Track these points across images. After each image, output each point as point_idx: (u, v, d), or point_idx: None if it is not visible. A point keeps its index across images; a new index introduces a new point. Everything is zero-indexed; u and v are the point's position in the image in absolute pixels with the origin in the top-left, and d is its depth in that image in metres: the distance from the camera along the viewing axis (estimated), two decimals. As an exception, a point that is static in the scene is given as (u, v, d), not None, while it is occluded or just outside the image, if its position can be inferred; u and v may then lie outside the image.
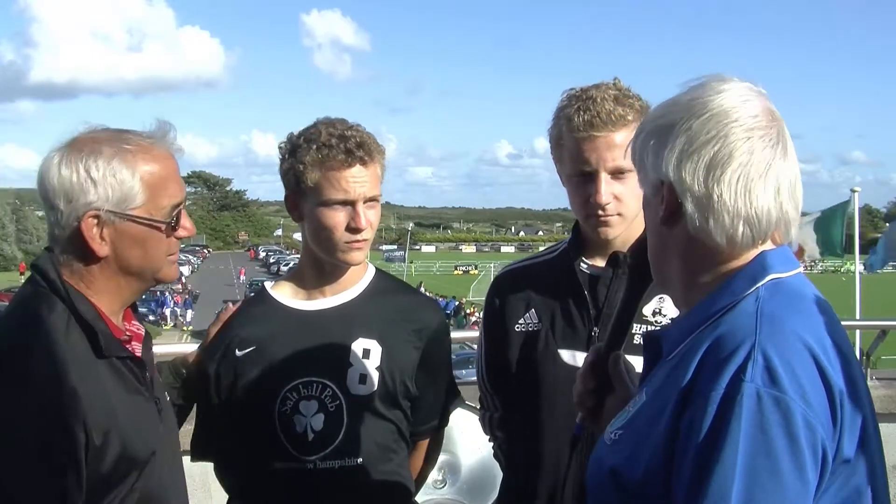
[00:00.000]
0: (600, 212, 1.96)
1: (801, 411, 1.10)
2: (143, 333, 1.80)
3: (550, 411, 2.02)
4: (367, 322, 2.09)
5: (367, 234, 2.04)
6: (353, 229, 2.01)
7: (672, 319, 1.96)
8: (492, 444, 2.27)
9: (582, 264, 2.07)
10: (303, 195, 2.03)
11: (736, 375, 1.11)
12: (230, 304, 2.18)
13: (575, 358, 2.00)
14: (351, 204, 2.00)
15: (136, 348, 1.74)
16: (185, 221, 1.75)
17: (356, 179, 2.00)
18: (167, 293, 42.97)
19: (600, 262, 2.06)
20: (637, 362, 1.92)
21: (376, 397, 2.05)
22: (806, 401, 1.11)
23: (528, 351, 2.08)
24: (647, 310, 2.01)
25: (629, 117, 1.93)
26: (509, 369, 2.12)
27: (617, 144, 1.92)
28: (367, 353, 2.06)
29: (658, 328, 1.95)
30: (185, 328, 40.08)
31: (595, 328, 2.01)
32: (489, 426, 2.25)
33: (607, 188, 1.94)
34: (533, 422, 2.05)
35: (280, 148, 2.08)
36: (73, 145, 1.65)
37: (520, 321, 2.11)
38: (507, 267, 2.32)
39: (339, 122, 2.05)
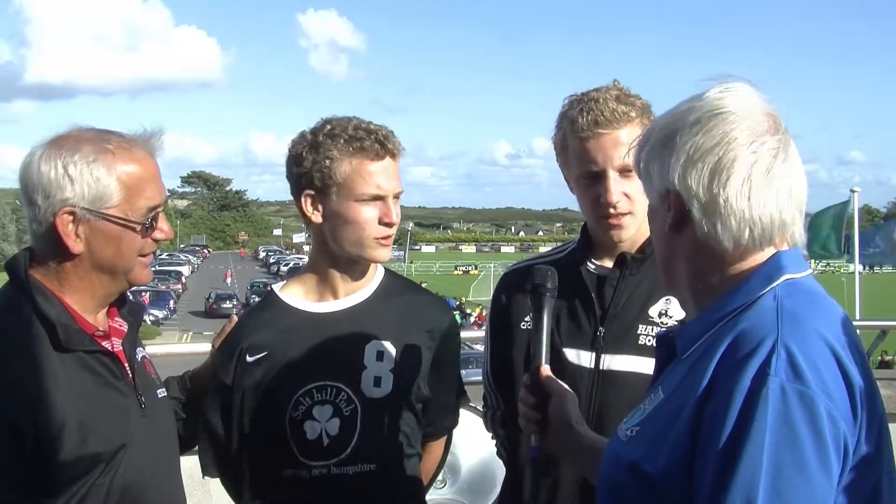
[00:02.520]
0: (611, 210, 1.96)
1: (824, 405, 1.12)
2: (126, 330, 1.81)
3: None
4: (381, 323, 2.06)
5: (395, 230, 2.03)
6: (385, 224, 1.99)
7: (680, 320, 1.97)
8: (494, 441, 2.28)
9: (589, 265, 2.08)
10: (327, 192, 1.97)
11: (760, 370, 1.13)
12: (234, 316, 2.13)
13: (580, 357, 2.01)
14: (381, 199, 1.98)
15: (115, 343, 1.75)
16: (163, 224, 1.76)
17: (387, 173, 1.98)
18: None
19: (608, 263, 2.07)
20: (641, 363, 1.94)
21: (391, 400, 2.03)
22: (829, 395, 1.13)
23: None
24: (654, 311, 2.02)
25: (632, 114, 1.95)
26: (514, 367, 2.12)
27: (622, 142, 1.93)
28: (381, 355, 2.03)
29: (666, 329, 1.95)
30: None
31: (601, 328, 2.01)
32: (492, 423, 2.25)
33: (616, 186, 1.95)
34: None
35: (294, 147, 2.02)
36: (55, 142, 1.68)
37: (525, 320, 2.11)
38: (514, 265, 2.33)
39: (353, 117, 2.03)
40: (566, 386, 1.68)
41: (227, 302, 43.58)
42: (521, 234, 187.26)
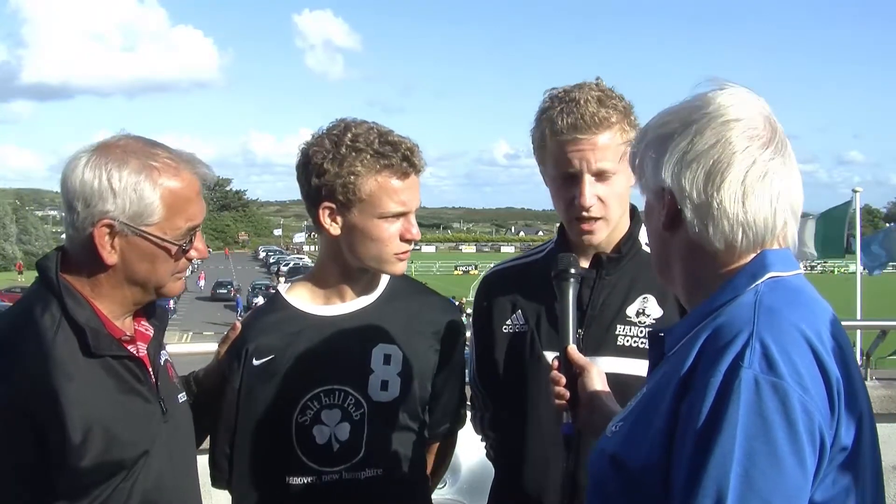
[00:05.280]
0: (584, 213, 1.97)
1: (798, 397, 1.12)
2: (152, 335, 1.79)
3: (536, 412, 2.04)
4: (387, 327, 2.04)
5: (413, 244, 2.02)
6: (407, 240, 1.98)
7: (657, 318, 2.01)
8: (484, 443, 2.29)
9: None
10: (349, 207, 1.93)
11: (734, 362, 1.14)
12: (237, 322, 2.10)
13: None
14: (404, 215, 1.97)
15: (140, 348, 1.73)
16: (199, 243, 1.74)
17: (412, 190, 1.96)
18: None
19: (584, 264, 2.06)
20: (621, 363, 1.95)
21: (398, 404, 2.02)
22: (803, 387, 1.13)
23: (515, 352, 2.10)
24: (631, 311, 2.03)
25: (612, 119, 1.94)
26: (499, 369, 2.13)
27: (600, 146, 1.93)
28: (387, 358, 2.02)
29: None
30: None
31: (580, 330, 2.00)
32: (481, 426, 2.26)
33: (591, 190, 1.95)
34: (519, 422, 2.07)
35: (311, 155, 1.95)
36: (102, 150, 1.65)
37: (507, 322, 2.13)
38: (495, 267, 2.34)
39: (372, 125, 1.98)
40: (591, 363, 1.74)
41: (223, 288, 55.03)
42: (521, 234, 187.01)
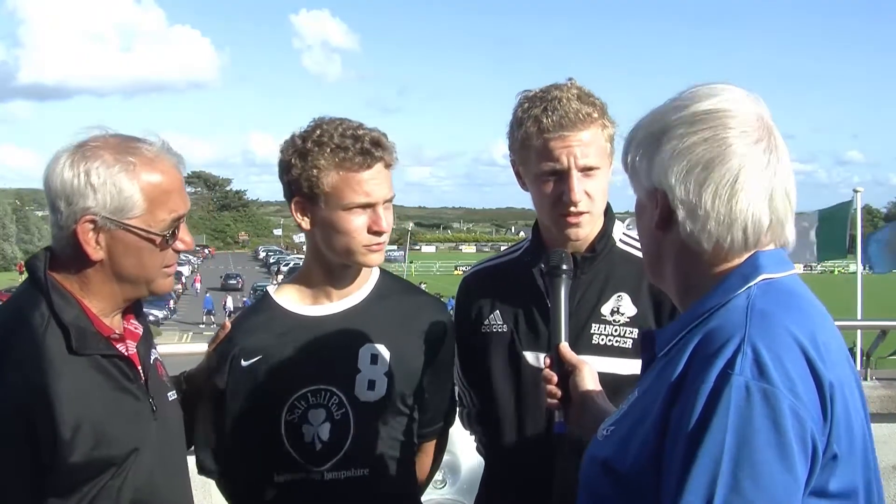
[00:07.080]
0: (572, 209, 1.99)
1: (789, 403, 1.11)
2: (141, 333, 1.80)
3: (516, 411, 2.07)
4: (375, 326, 2.05)
5: (386, 236, 2.01)
6: (375, 232, 1.98)
7: (631, 317, 2.03)
8: (473, 437, 2.32)
9: (542, 266, 2.08)
10: (315, 200, 1.96)
11: (725, 368, 1.13)
12: (227, 322, 2.11)
13: (539, 359, 2.03)
14: (371, 206, 1.97)
15: (129, 346, 1.74)
16: (184, 235, 1.75)
17: (376, 181, 1.96)
18: None
19: None
20: (597, 362, 1.96)
21: (385, 403, 2.02)
22: (795, 393, 1.12)
23: (495, 352, 2.13)
24: (606, 309, 2.05)
25: (594, 115, 1.98)
26: (483, 366, 2.16)
27: (585, 142, 1.97)
28: (375, 358, 2.02)
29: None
30: None
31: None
32: (468, 421, 2.30)
33: (579, 185, 1.98)
34: (503, 419, 2.10)
35: (283, 152, 2.00)
36: (80, 148, 1.66)
37: (485, 322, 2.15)
38: (473, 267, 2.37)
39: (343, 120, 2.00)
40: (585, 361, 1.74)
41: (233, 280, 60.66)
42: (521, 234, 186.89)
